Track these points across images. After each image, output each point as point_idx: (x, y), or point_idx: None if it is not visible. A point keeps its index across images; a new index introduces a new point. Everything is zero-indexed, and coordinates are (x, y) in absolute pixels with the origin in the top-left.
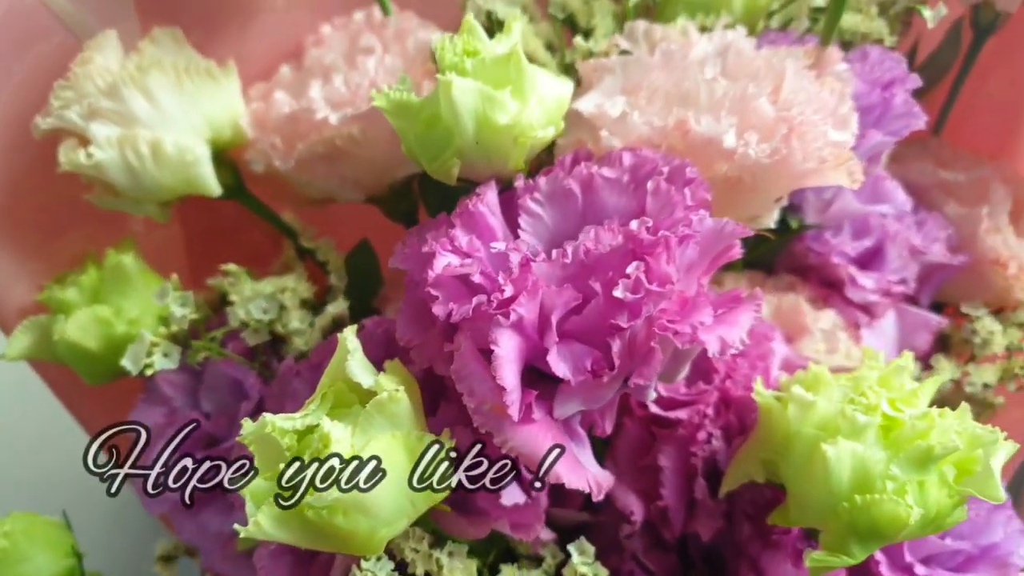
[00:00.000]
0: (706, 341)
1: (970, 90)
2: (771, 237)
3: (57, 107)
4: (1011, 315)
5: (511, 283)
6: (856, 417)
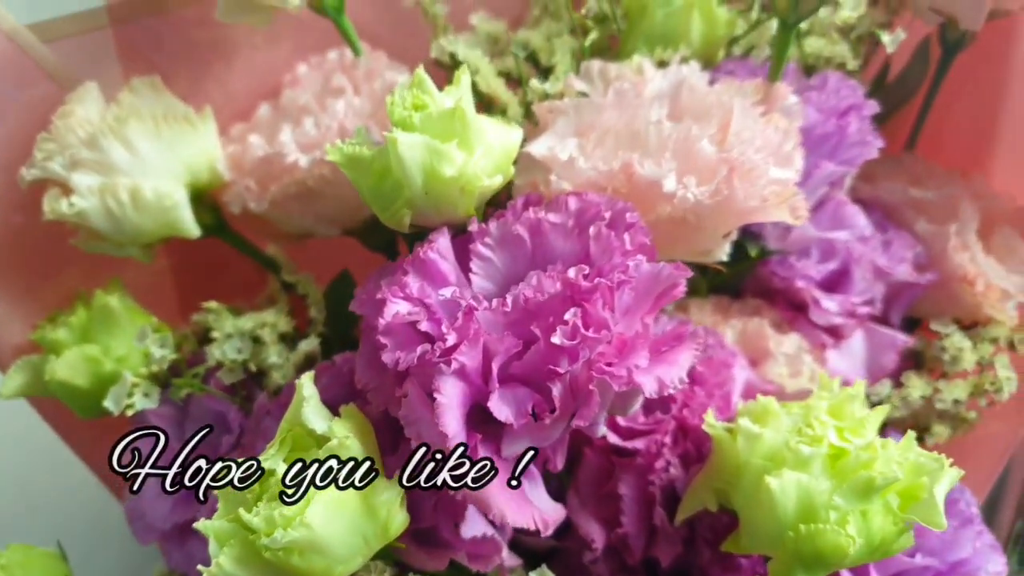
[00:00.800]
0: (642, 383)
1: (943, 106)
2: (723, 270)
3: (40, 159)
4: (982, 331)
5: (454, 331)
6: (800, 449)
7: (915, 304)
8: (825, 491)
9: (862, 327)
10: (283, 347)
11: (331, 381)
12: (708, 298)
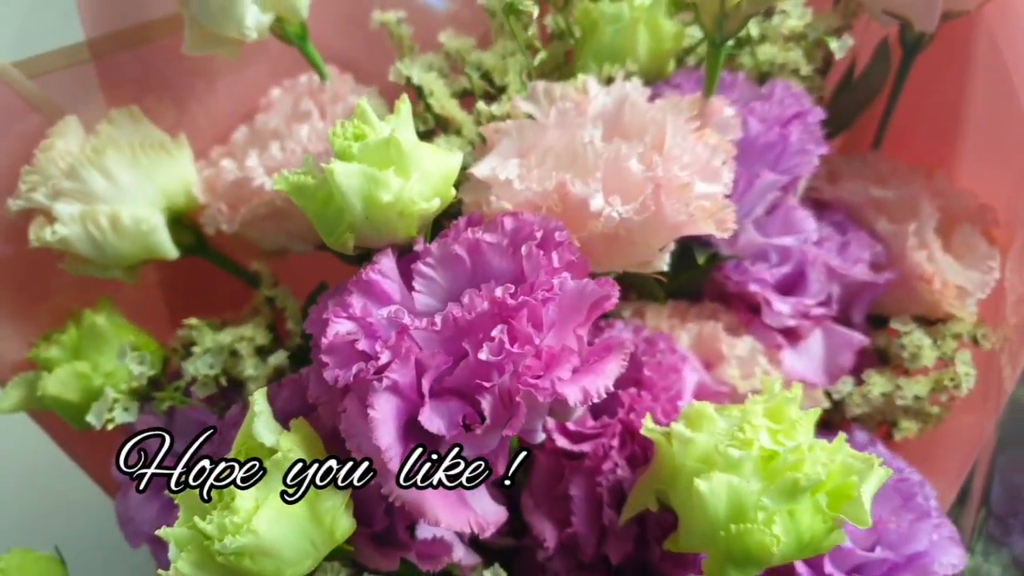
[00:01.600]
0: (566, 394)
1: (908, 105)
2: (664, 280)
3: (25, 190)
4: (943, 327)
5: (387, 350)
6: (730, 452)
7: (878, 303)
8: (755, 492)
9: (820, 327)
10: (259, 360)
11: (292, 394)
12: (666, 304)
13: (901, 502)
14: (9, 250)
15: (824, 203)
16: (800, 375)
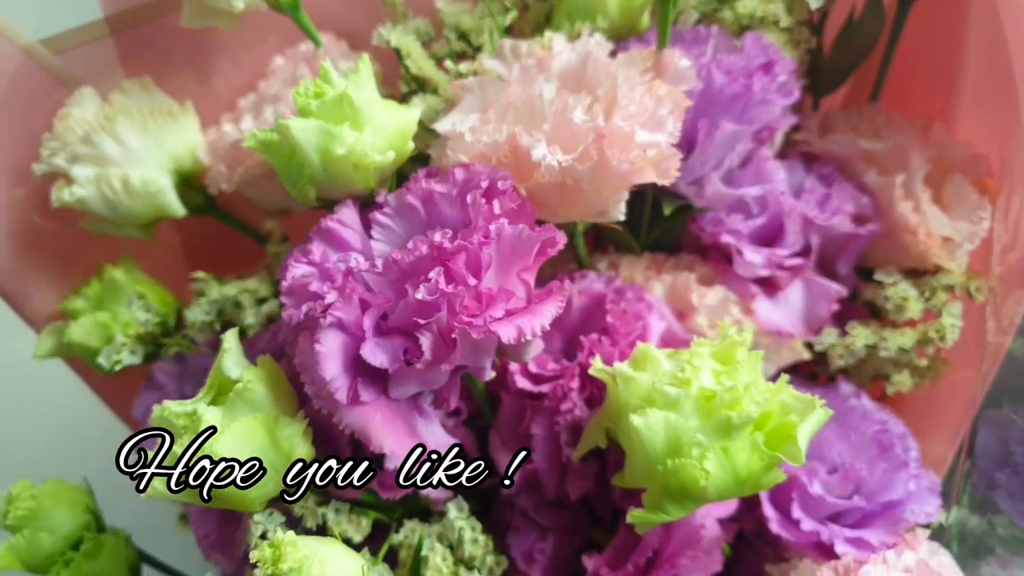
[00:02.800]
0: (499, 332)
1: (907, 56)
2: (620, 228)
3: (46, 156)
4: (931, 279)
5: (334, 290)
6: (666, 390)
7: (866, 256)
8: (691, 429)
9: (800, 279)
10: (259, 309)
11: (270, 340)
12: (643, 255)
13: (877, 452)
14: (43, 214)
15: (814, 156)
16: (776, 325)
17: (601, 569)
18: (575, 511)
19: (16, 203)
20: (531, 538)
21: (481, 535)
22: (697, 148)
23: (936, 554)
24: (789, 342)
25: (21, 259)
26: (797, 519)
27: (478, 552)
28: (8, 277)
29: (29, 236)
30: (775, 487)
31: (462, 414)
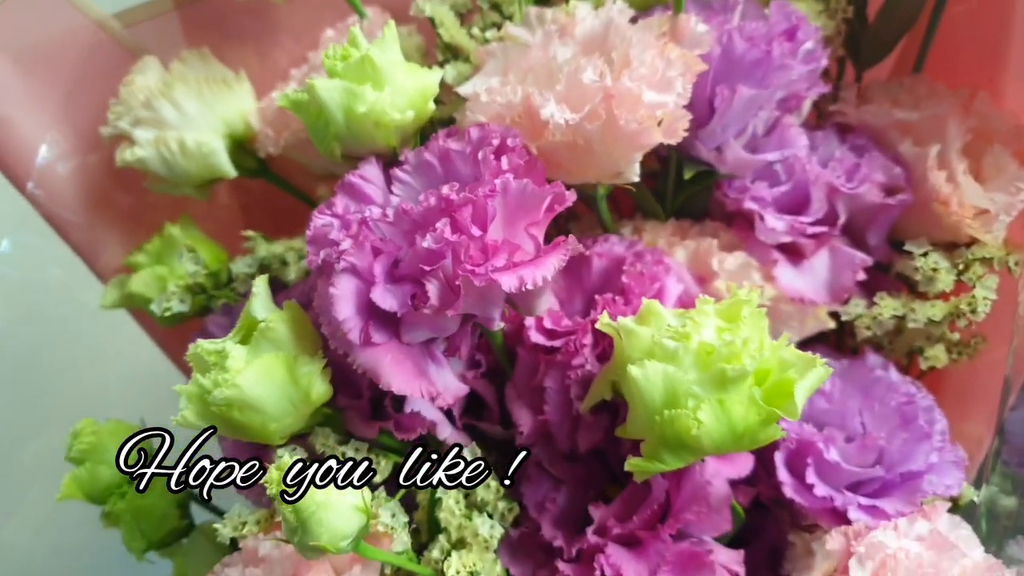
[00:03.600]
0: (501, 280)
1: (956, 25)
2: (633, 190)
3: (112, 119)
4: (966, 252)
5: (348, 238)
6: (664, 343)
7: (899, 228)
8: (688, 381)
9: (827, 247)
10: (300, 266)
11: (302, 292)
12: (668, 222)
13: (900, 422)
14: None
15: (849, 128)
16: (798, 292)
17: (608, 520)
18: (590, 465)
19: (91, 168)
20: (544, 489)
21: (493, 481)
22: (716, 113)
23: (956, 527)
24: (813, 310)
25: (94, 218)
26: (811, 484)
27: (490, 497)
28: (82, 234)
29: (102, 198)
30: (791, 453)
31: (482, 367)
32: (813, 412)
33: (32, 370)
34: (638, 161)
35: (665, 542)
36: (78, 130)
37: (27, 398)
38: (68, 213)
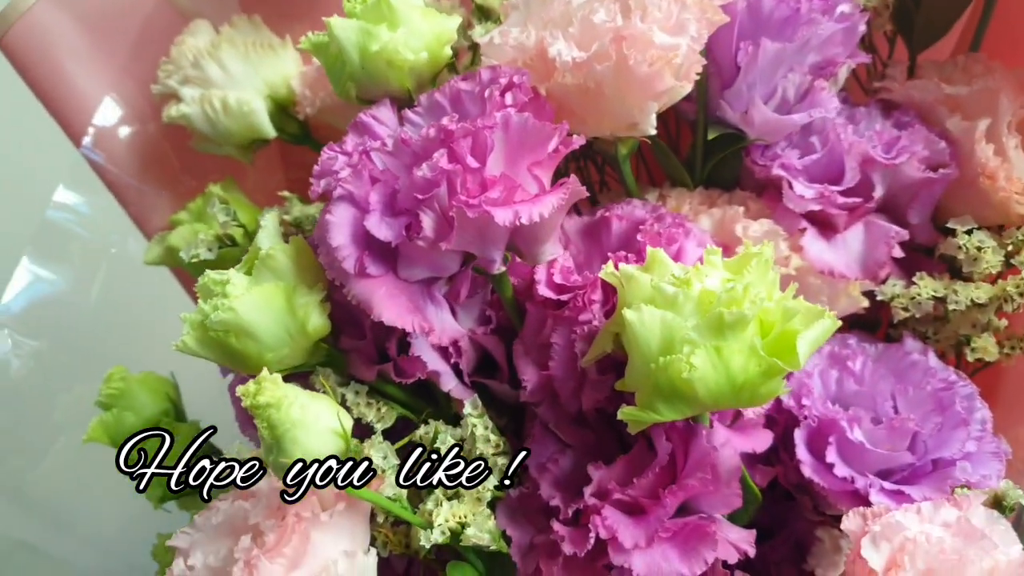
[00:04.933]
0: (495, 214)
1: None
2: (648, 141)
3: (163, 77)
4: (1015, 232)
5: (348, 167)
6: (664, 288)
7: (944, 208)
8: (686, 327)
9: (862, 222)
10: None
11: None
12: (696, 190)
13: (934, 407)
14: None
15: (894, 105)
16: (828, 265)
17: (608, 483)
18: (600, 432)
19: (147, 130)
20: (549, 451)
21: (493, 435)
22: (741, 71)
23: (993, 522)
24: (844, 287)
25: (147, 180)
26: (831, 463)
27: (489, 451)
28: (135, 195)
29: (156, 161)
30: (812, 432)
31: (492, 323)
32: (842, 394)
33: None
34: (654, 112)
35: (666, 508)
36: (137, 92)
37: (85, 350)
38: (123, 173)
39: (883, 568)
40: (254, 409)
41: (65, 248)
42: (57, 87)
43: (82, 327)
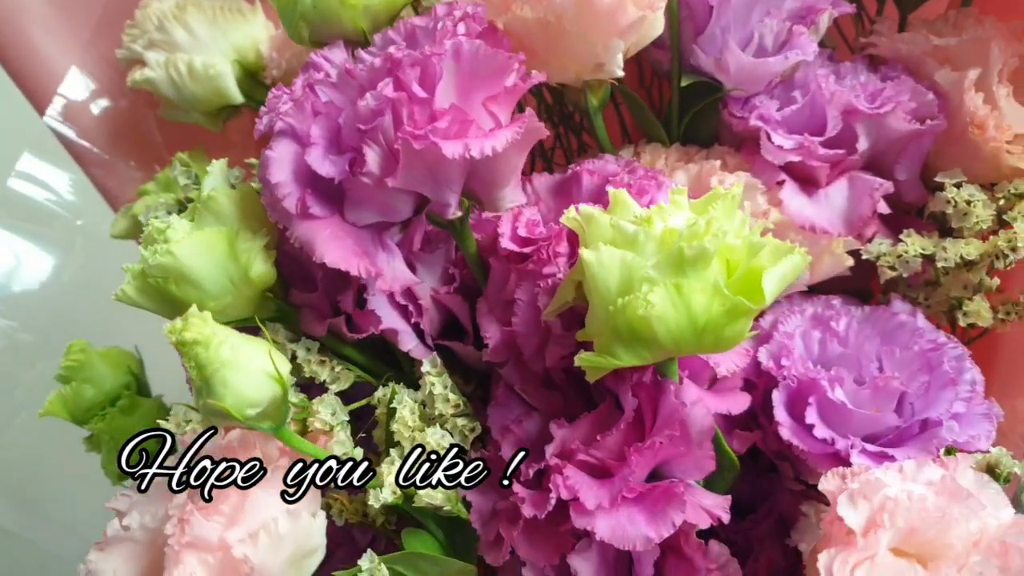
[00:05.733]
0: (443, 147)
1: None
2: (616, 83)
3: (127, 41)
4: (1007, 185)
5: (290, 101)
6: (623, 226)
7: (932, 165)
8: (646, 267)
9: (846, 177)
10: None
11: None
12: (672, 146)
13: (921, 367)
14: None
15: (882, 60)
16: (809, 220)
17: (572, 443)
18: (569, 396)
19: (116, 100)
20: (514, 414)
21: (452, 394)
22: (714, 13)
23: (984, 486)
24: (827, 243)
25: (116, 152)
26: (811, 424)
27: (448, 411)
28: (103, 168)
29: (126, 133)
30: (792, 393)
31: (456, 281)
32: (825, 356)
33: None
34: (620, 51)
35: (631, 467)
36: (105, 61)
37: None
38: (91, 145)
39: (862, 528)
40: (180, 347)
41: (31, 221)
42: (22, 56)
43: (50, 303)
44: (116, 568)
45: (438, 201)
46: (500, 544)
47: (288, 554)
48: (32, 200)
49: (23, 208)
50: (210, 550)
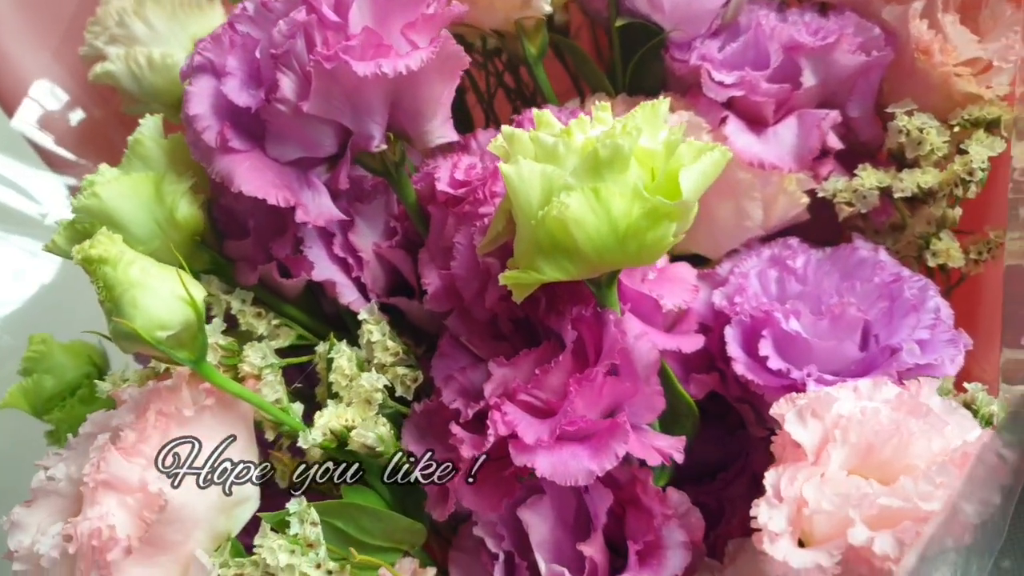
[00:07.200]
0: (355, 67)
1: None
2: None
3: (89, 39)
4: (960, 111)
5: (211, 39)
6: (543, 139)
7: (885, 101)
8: (564, 175)
9: (795, 114)
10: None
11: None
12: (618, 96)
13: (881, 296)
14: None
15: (830, 5)
16: (757, 156)
17: (512, 381)
18: (517, 345)
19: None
20: (459, 364)
21: (392, 341)
22: None
23: (952, 411)
24: (778, 180)
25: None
26: (765, 356)
27: (388, 359)
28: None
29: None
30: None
31: (398, 234)
32: (783, 294)
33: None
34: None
35: (571, 401)
36: (75, 65)
37: None
38: (60, 148)
39: (814, 446)
40: (86, 264)
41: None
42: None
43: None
44: (40, 521)
45: (360, 133)
46: (446, 497)
47: (215, 498)
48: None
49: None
50: (130, 491)
